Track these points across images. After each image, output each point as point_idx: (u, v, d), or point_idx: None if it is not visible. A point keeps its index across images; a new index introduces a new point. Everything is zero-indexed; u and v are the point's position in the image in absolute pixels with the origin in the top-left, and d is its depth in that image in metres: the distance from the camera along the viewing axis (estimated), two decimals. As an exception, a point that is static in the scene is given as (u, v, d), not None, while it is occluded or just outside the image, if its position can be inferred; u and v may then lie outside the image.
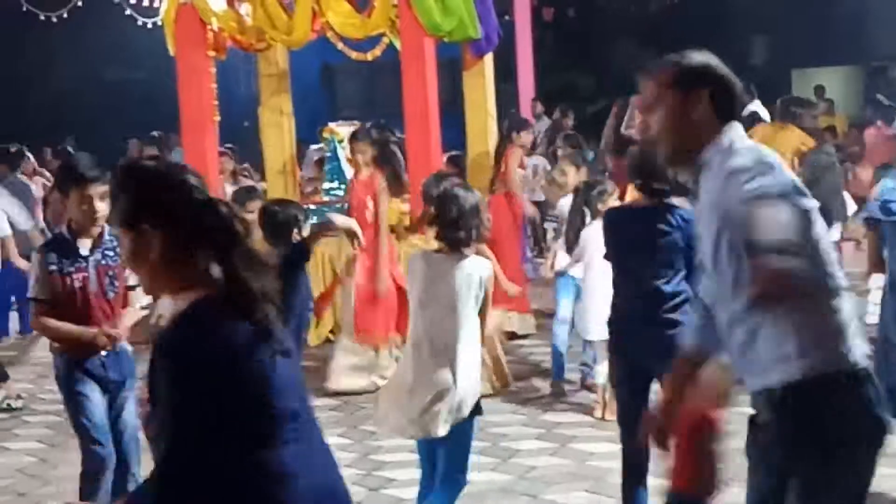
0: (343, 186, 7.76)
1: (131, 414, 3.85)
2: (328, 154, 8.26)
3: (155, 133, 9.54)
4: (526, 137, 8.51)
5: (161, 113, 10.62)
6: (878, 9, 16.95)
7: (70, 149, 11.49)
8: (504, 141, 7.99)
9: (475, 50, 7.98)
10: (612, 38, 17.93)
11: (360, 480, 4.64)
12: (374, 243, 6.20)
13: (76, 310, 3.67)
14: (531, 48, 12.25)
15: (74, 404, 3.73)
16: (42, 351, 6.52)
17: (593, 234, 5.09)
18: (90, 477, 3.76)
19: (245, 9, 7.31)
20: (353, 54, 7.74)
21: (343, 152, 7.74)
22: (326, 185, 8.10)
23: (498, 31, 8.16)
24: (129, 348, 3.90)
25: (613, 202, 5.22)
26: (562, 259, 6.14)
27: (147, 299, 3.81)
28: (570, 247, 5.70)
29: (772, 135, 7.46)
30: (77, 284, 3.65)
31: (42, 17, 12.37)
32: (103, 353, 3.72)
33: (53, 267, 3.65)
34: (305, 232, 4.03)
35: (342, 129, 8.02)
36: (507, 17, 10.94)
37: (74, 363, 3.72)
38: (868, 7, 16.88)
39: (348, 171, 7.56)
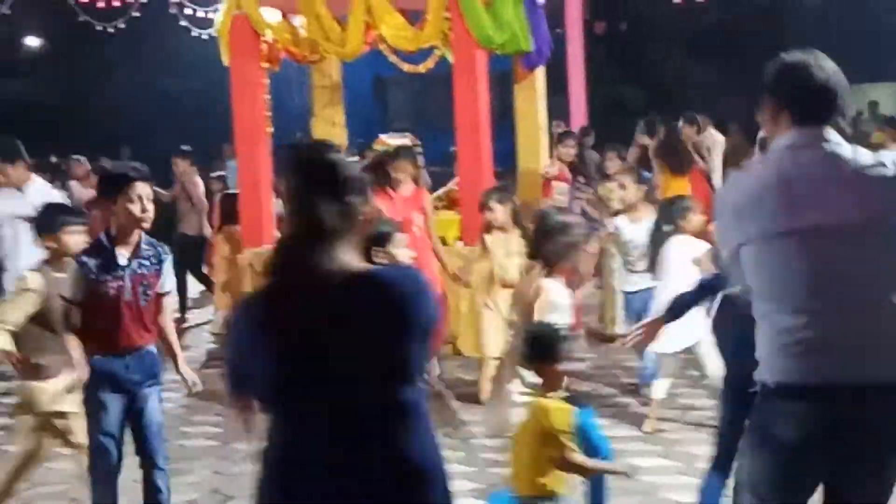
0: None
1: (155, 411, 3.90)
2: None
3: (185, 147, 9.20)
4: (566, 150, 8.42)
5: (215, 124, 10.68)
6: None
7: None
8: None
9: (527, 63, 7.96)
10: (663, 52, 17.80)
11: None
12: (424, 257, 6.09)
13: (107, 316, 3.72)
14: (583, 61, 12.20)
15: (91, 410, 3.81)
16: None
17: (674, 250, 5.12)
18: (100, 482, 3.81)
19: (299, 21, 7.41)
20: (406, 66, 7.84)
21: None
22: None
23: (550, 45, 8.15)
24: (155, 350, 3.95)
25: (696, 218, 5.22)
26: (633, 278, 6.06)
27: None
28: (653, 263, 5.48)
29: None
30: (111, 292, 3.69)
31: (98, 28, 12.43)
32: (129, 354, 3.78)
33: (89, 274, 3.70)
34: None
35: (393, 141, 8.06)
36: (558, 31, 10.91)
37: (97, 366, 3.75)
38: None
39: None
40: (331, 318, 1.93)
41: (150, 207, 3.74)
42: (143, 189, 3.72)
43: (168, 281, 3.97)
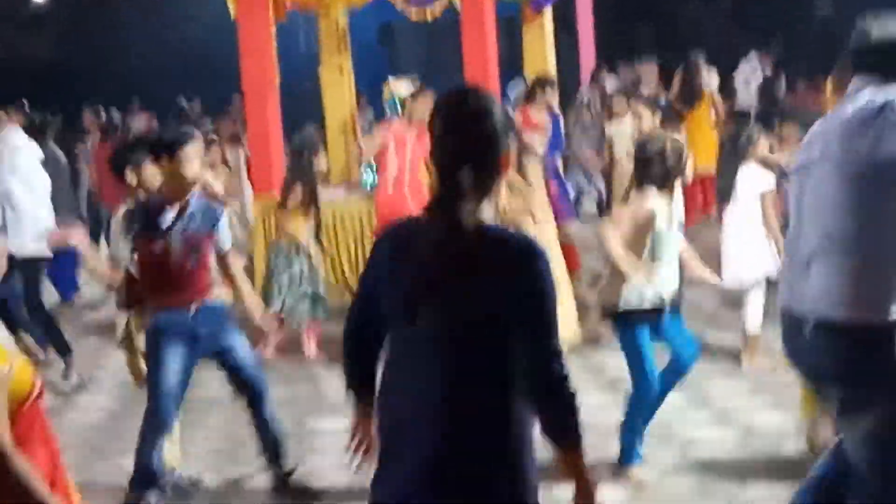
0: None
1: (243, 348, 4.00)
2: (391, 103, 8.11)
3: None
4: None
5: (223, 75, 10.80)
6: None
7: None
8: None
9: (535, 5, 8.08)
10: None
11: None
12: None
13: (159, 273, 3.78)
14: (591, 1, 11.99)
15: (153, 364, 3.88)
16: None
17: (747, 178, 5.29)
18: (149, 435, 3.90)
19: None
20: (413, 14, 7.69)
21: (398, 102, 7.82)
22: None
23: None
24: (223, 302, 4.03)
25: (764, 145, 5.38)
26: None
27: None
28: (728, 193, 5.56)
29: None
30: (157, 251, 3.72)
31: None
32: (193, 307, 3.84)
33: (135, 233, 3.78)
34: None
35: (401, 83, 8.04)
36: None
37: (162, 320, 3.82)
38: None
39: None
40: (451, 263, 2.08)
41: (197, 166, 3.80)
42: (193, 151, 3.77)
43: (226, 238, 3.98)
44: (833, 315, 2.51)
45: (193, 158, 3.78)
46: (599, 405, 4.79)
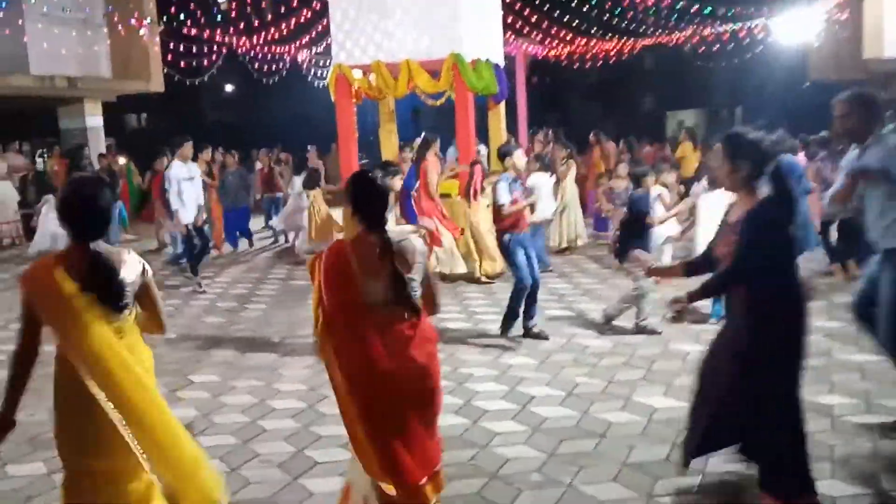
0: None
1: (539, 250, 6.75)
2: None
3: (310, 147, 14.92)
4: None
5: (326, 132, 15.48)
6: (719, 69, 22.58)
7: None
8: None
9: (495, 99, 11.11)
10: (570, 94, 28.74)
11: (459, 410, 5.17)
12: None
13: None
14: (525, 99, 17.88)
15: (513, 256, 6.72)
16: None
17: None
18: (518, 294, 6.74)
19: (372, 77, 10.26)
20: (430, 102, 11.03)
21: None
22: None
23: (506, 90, 11.28)
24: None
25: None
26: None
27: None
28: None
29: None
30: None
31: (263, 81, 19.18)
32: (527, 229, 6.88)
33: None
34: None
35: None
36: (512, 82, 14.53)
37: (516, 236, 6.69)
38: (712, 68, 22.22)
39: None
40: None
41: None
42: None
43: None
44: None
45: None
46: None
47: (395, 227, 8.21)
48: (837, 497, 3.80)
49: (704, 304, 6.88)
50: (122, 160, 15.44)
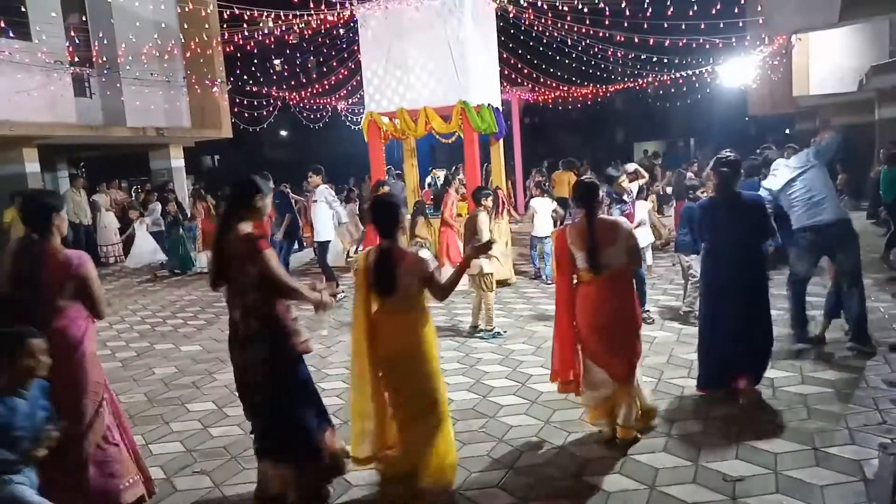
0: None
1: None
2: (431, 183, 12.14)
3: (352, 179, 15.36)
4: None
5: (360, 166, 15.50)
6: (675, 108, 23.08)
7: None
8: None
9: (495, 137, 10.90)
10: (556, 130, 27.71)
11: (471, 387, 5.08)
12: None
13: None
14: (520, 135, 17.73)
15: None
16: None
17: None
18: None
19: (396, 121, 10.15)
20: (443, 140, 11.01)
21: (438, 182, 11.97)
22: (432, 196, 11.64)
23: (504, 128, 10.97)
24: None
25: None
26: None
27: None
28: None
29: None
30: None
31: (310, 127, 18.97)
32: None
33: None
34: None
35: (439, 171, 12.63)
36: (509, 122, 14.32)
37: None
38: (669, 107, 22.91)
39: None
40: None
41: None
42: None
43: None
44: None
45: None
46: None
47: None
48: (778, 453, 3.75)
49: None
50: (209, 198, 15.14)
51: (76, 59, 13.03)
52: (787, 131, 22.57)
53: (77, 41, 12.99)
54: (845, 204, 14.22)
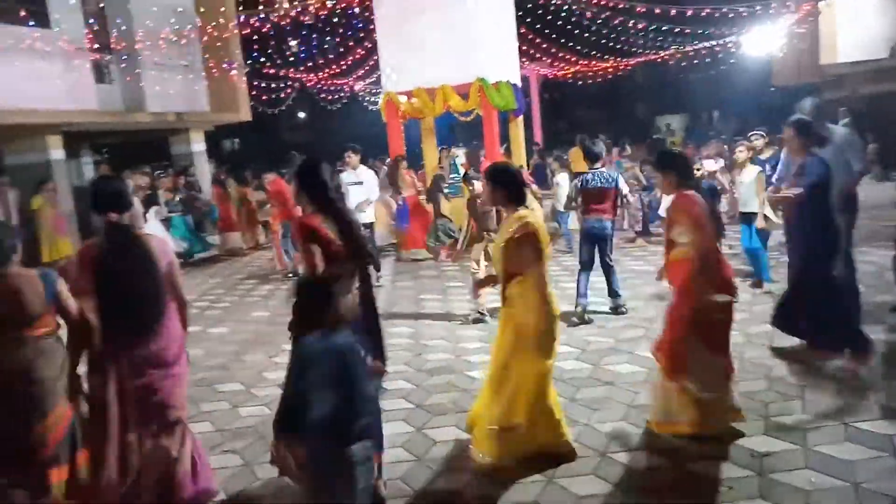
0: (457, 177, 10.27)
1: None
2: (451, 163, 10.80)
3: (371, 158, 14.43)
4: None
5: (379, 146, 14.35)
6: (697, 80, 23.36)
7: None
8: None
9: (515, 113, 11.05)
10: (575, 106, 27.95)
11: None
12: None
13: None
14: (539, 111, 17.85)
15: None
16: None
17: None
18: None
19: (414, 101, 10.17)
20: (462, 118, 10.83)
21: (458, 161, 10.78)
22: (451, 177, 10.59)
23: (523, 105, 11.23)
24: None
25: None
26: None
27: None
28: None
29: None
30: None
31: (328, 108, 19.11)
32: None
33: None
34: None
35: (458, 150, 11.26)
36: (527, 98, 15.42)
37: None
38: (692, 79, 23.28)
39: (461, 170, 10.08)
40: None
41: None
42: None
43: None
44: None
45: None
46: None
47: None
48: (808, 429, 3.71)
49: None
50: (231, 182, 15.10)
51: (96, 46, 13.11)
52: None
53: (96, 28, 13.06)
54: (876, 175, 13.85)
